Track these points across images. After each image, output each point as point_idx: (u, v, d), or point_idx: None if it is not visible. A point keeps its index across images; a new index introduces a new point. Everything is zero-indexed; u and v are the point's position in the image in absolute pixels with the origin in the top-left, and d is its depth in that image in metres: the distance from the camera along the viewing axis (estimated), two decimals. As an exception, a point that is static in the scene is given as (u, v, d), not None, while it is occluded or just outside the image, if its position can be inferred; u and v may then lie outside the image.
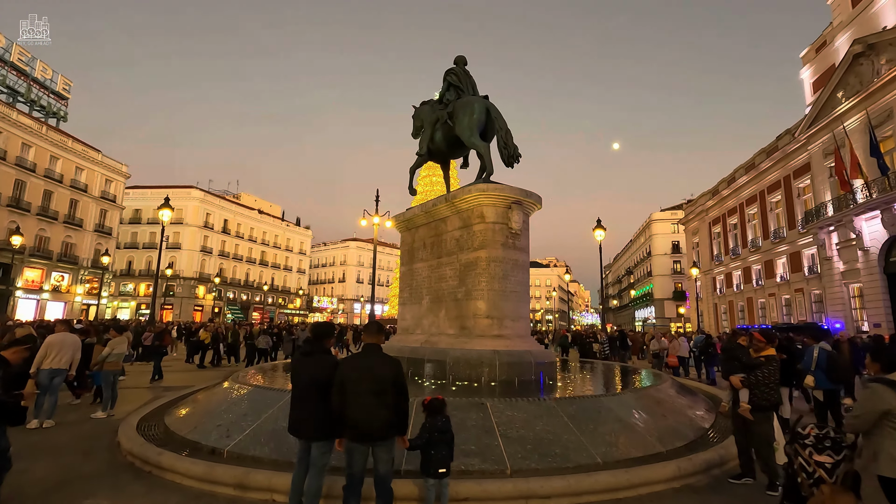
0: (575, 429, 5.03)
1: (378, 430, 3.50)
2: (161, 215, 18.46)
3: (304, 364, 3.72)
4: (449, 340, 8.88)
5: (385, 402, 3.52)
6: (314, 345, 3.80)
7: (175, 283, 56.05)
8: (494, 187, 8.76)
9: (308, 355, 3.77)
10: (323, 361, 3.69)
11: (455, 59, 11.19)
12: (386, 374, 3.57)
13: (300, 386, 3.70)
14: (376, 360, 3.66)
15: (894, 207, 22.38)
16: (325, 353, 3.79)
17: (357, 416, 3.47)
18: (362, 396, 3.48)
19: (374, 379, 3.54)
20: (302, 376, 3.68)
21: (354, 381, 3.52)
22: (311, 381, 3.61)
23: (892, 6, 23.49)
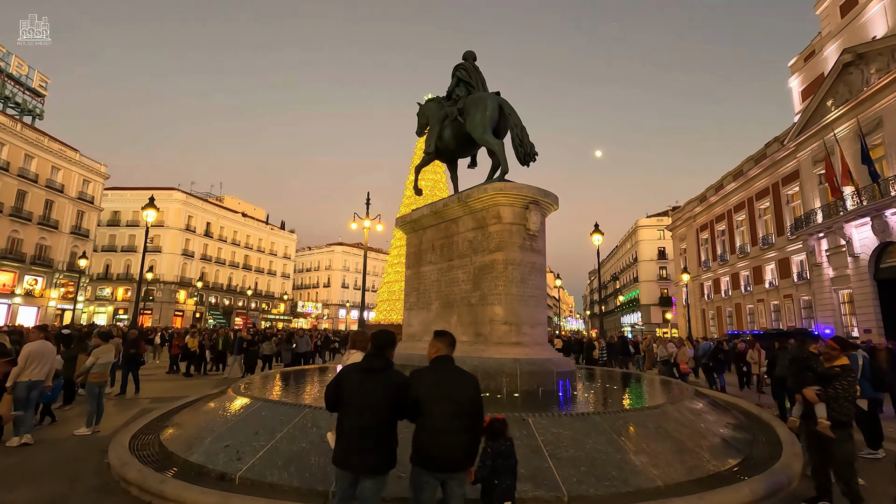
0: (626, 446, 4.58)
1: (456, 459, 2.98)
2: (145, 216, 17.58)
3: (366, 382, 3.09)
4: (463, 348, 8.34)
5: (464, 426, 3.00)
6: (377, 358, 3.21)
7: (155, 287, 54.35)
8: (512, 186, 8.32)
9: (371, 372, 3.13)
10: (392, 379, 3.11)
11: (464, 54, 10.77)
12: (467, 395, 3.06)
13: (360, 409, 3.05)
14: (454, 376, 3.14)
15: (885, 214, 22.64)
16: (391, 367, 3.21)
17: (434, 442, 2.95)
18: (440, 419, 2.95)
19: (455, 399, 3.01)
20: (363, 397, 3.05)
21: (432, 401, 2.99)
22: (378, 402, 3.03)
23: (881, 16, 23.89)
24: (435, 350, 3.30)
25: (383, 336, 3.35)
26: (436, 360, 3.25)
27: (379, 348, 3.26)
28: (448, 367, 3.18)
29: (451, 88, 10.57)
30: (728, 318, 39.83)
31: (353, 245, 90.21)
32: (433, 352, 3.31)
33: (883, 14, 23.71)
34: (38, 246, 41.51)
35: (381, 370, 3.15)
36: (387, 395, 3.03)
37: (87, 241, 46.31)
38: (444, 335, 3.35)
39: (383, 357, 3.22)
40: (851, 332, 25.80)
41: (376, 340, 3.32)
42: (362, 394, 3.07)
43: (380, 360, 3.19)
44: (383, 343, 3.29)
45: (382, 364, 3.17)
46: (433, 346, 3.33)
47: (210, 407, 6.49)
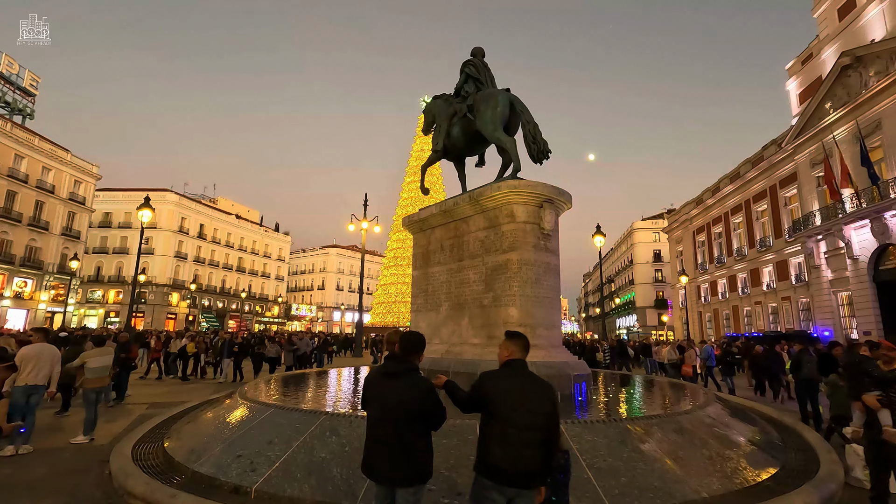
0: (663, 455, 4.34)
1: (532, 474, 2.71)
2: (140, 216, 17.19)
3: (390, 387, 2.88)
4: (475, 351, 8.12)
5: (542, 439, 2.72)
6: (402, 362, 2.97)
7: (147, 289, 53.59)
8: (526, 184, 8.08)
9: (394, 377, 2.90)
10: (416, 385, 2.87)
11: (472, 50, 10.56)
12: (545, 404, 2.77)
13: (384, 416, 2.86)
14: (533, 385, 2.85)
15: (884, 217, 22.66)
16: (416, 372, 2.96)
17: (509, 453, 2.64)
18: (517, 429, 2.66)
19: (533, 409, 2.71)
20: (386, 403, 2.86)
21: (509, 408, 2.70)
22: (402, 410, 2.80)
23: (878, 20, 24.00)
24: (508, 353, 2.97)
25: (410, 338, 3.08)
26: (510, 364, 2.92)
27: (404, 351, 3.00)
28: (526, 373, 2.90)
29: (459, 85, 10.34)
30: (725, 320, 39.86)
31: (348, 247, 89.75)
32: (505, 354, 2.98)
33: (881, 17, 23.82)
34: (27, 247, 40.77)
35: (400, 374, 2.91)
36: (406, 401, 2.79)
37: (78, 242, 45.57)
38: (518, 337, 3.04)
39: (404, 360, 2.97)
40: (850, 335, 25.81)
41: (403, 343, 3.05)
42: (382, 399, 2.88)
43: (399, 364, 2.95)
44: (410, 346, 3.02)
45: (402, 367, 2.93)
46: (506, 349, 3.00)
47: (216, 413, 6.16)
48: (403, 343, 3.04)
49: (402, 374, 2.90)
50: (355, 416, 4.66)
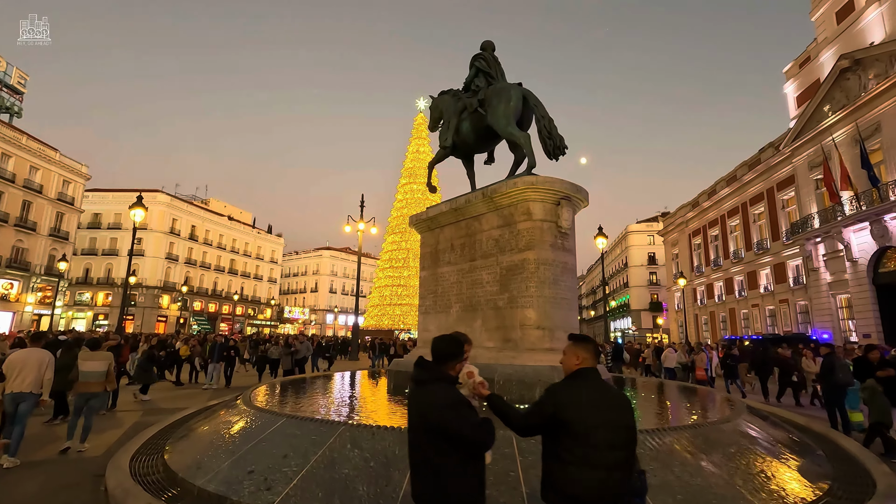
0: (715, 468, 4.00)
1: (615, 501, 2.31)
2: (133, 215, 16.65)
3: (416, 399, 2.54)
4: (490, 355, 7.75)
5: (624, 458, 2.33)
6: (430, 370, 2.56)
7: (137, 291, 52.64)
8: (544, 180, 7.75)
9: (421, 386, 2.53)
10: (435, 396, 2.43)
11: (482, 43, 10.23)
12: (627, 417, 2.38)
13: (409, 431, 2.55)
14: (610, 394, 2.44)
15: (884, 219, 22.67)
16: (443, 382, 2.52)
17: (591, 480, 2.24)
18: (598, 450, 2.25)
19: (614, 424, 2.31)
20: (411, 416, 2.54)
21: (590, 426, 2.28)
22: (422, 425, 2.43)
23: (878, 23, 24.06)
24: (578, 360, 2.51)
25: (445, 343, 2.66)
26: (583, 374, 2.48)
27: (435, 358, 2.61)
28: (601, 383, 2.48)
29: (469, 79, 10.01)
30: (722, 323, 39.85)
31: (341, 249, 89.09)
32: (574, 362, 2.53)
33: (880, 20, 23.88)
34: (14, 248, 39.82)
35: (425, 383, 2.53)
36: (427, 415, 2.41)
37: (66, 243, 44.63)
38: (587, 341, 2.61)
39: (430, 368, 2.58)
40: (850, 338, 25.81)
41: (434, 348, 2.65)
42: (410, 409, 2.58)
43: (425, 371, 2.57)
44: (443, 353, 2.61)
45: (427, 376, 2.55)
46: (573, 355, 2.54)
47: (220, 422, 5.73)
48: (434, 348, 2.65)
49: (427, 383, 2.52)
50: (378, 428, 4.28)
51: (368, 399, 8.02)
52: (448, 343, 2.65)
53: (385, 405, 7.07)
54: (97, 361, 7.21)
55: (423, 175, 54.02)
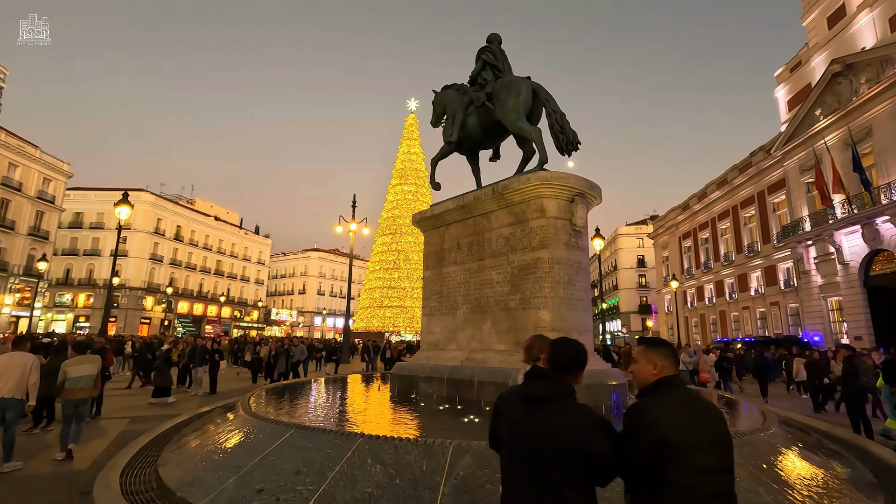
0: (768, 482, 3.69)
1: None
2: (118, 213, 16.01)
3: (538, 419, 1.98)
4: (501, 358, 7.40)
5: (729, 486, 1.89)
6: (553, 382, 2.05)
7: (120, 293, 51.31)
8: (559, 175, 7.43)
9: (535, 401, 2.02)
10: (576, 416, 1.96)
11: (488, 36, 9.91)
12: (728, 435, 1.95)
13: (520, 455, 1.99)
14: (703, 406, 2.00)
15: (875, 222, 22.86)
16: (572, 398, 2.04)
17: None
18: (709, 477, 1.83)
19: (718, 443, 1.89)
20: (524, 438, 1.98)
21: (691, 448, 1.82)
22: (554, 452, 1.89)
23: (869, 28, 24.31)
24: (655, 368, 2.03)
25: (566, 349, 2.15)
26: (667, 384, 2.00)
27: (556, 367, 2.11)
28: (690, 393, 2.02)
29: (475, 73, 9.67)
30: (712, 325, 40.04)
31: (330, 251, 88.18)
32: (650, 371, 2.04)
33: (871, 26, 24.13)
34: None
35: (550, 399, 2.00)
36: (561, 439, 1.89)
37: (46, 243, 43.32)
38: (661, 344, 2.12)
39: (555, 380, 2.07)
40: (841, 340, 25.98)
41: (555, 354, 2.15)
42: (523, 434, 1.99)
43: (550, 386, 2.04)
44: (565, 360, 2.12)
45: (553, 390, 2.02)
46: (648, 363, 2.06)
47: (217, 432, 5.27)
48: (556, 355, 2.15)
49: (552, 399, 2.02)
50: (401, 441, 3.88)
51: (376, 406, 7.61)
52: (575, 349, 2.14)
53: (397, 413, 6.67)
54: (87, 365, 6.78)
55: (414, 176, 53.65)
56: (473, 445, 3.70)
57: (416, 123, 56.26)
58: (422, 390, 8.12)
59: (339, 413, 6.53)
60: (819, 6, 27.71)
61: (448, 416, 6.20)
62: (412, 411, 6.67)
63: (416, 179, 53.37)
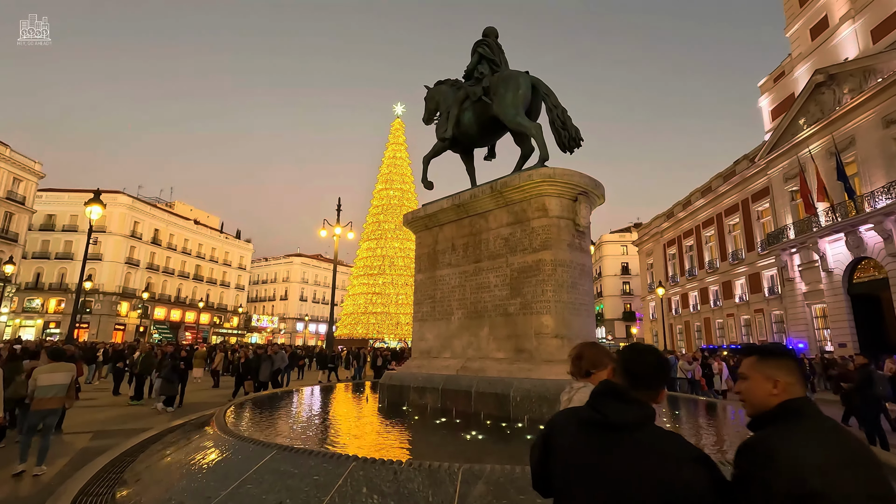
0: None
1: None
2: (88, 213, 15.14)
3: (604, 451, 1.47)
4: (501, 367, 6.91)
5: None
6: (632, 404, 1.52)
7: (94, 298, 49.48)
8: (562, 172, 7.01)
9: (611, 431, 1.49)
10: (669, 451, 1.41)
11: (485, 30, 9.54)
12: (890, 485, 1.30)
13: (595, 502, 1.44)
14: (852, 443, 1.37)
15: (859, 230, 23.08)
16: (650, 422, 1.51)
17: None
18: None
19: (883, 496, 1.27)
20: (601, 481, 1.44)
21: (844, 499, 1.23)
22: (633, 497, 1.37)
23: (851, 39, 24.71)
24: (777, 387, 1.48)
25: (648, 357, 1.63)
26: (796, 410, 1.45)
27: (635, 380, 1.58)
28: (829, 423, 1.42)
29: (471, 67, 9.25)
30: (697, 332, 40.19)
31: (313, 256, 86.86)
32: (769, 391, 1.49)
33: (854, 37, 24.53)
34: (-46, 250, 36.71)
35: (631, 427, 1.48)
36: (650, 483, 1.37)
37: (14, 245, 41.52)
38: (784, 355, 1.54)
39: (634, 401, 1.53)
40: (825, 347, 26.17)
41: (634, 364, 1.61)
42: (595, 475, 1.45)
43: (629, 409, 1.51)
44: (647, 371, 1.60)
45: (636, 414, 1.50)
46: (765, 380, 1.50)
47: (187, 452, 4.64)
48: (636, 366, 1.61)
49: (633, 427, 1.48)
50: (400, 465, 3.35)
51: (365, 420, 7.02)
52: (659, 358, 1.63)
53: (389, 429, 6.11)
54: (59, 374, 6.19)
55: (399, 181, 53.09)
56: (486, 471, 3.19)
57: (402, 128, 55.80)
58: (413, 401, 7.59)
59: (325, 429, 5.94)
60: (802, 17, 28.15)
61: (447, 431, 5.68)
62: (406, 426, 6.12)
63: (401, 184, 52.83)
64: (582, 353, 2.49)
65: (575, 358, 2.49)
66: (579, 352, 2.51)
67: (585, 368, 2.40)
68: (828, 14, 26.43)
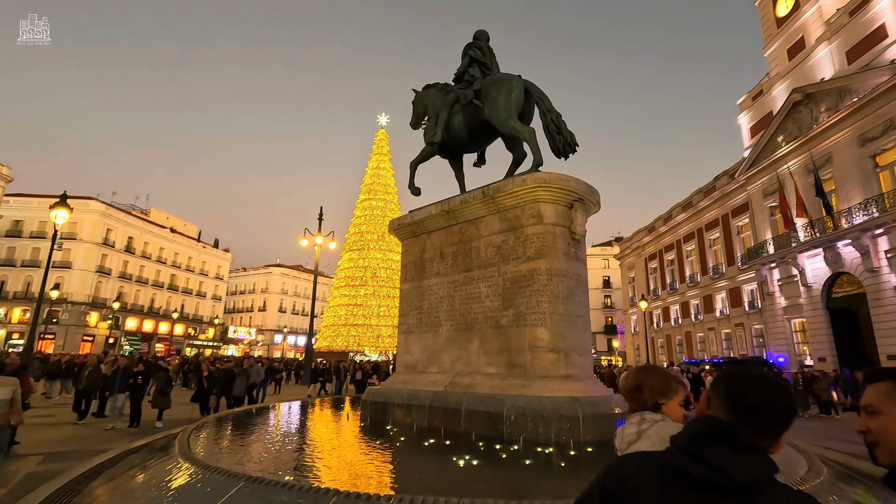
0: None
1: None
2: (54, 216, 14.35)
3: None
4: (492, 383, 6.49)
5: None
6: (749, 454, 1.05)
7: (61, 308, 47.47)
8: (558, 177, 6.69)
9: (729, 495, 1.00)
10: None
11: (476, 33, 9.28)
12: None
13: None
14: None
15: (837, 246, 23.44)
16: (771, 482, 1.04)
17: None
18: None
19: None
20: None
21: None
22: None
23: (827, 60, 25.38)
24: None
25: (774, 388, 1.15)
26: None
27: (756, 419, 1.12)
28: None
29: (461, 70, 8.96)
30: (678, 346, 40.36)
31: (293, 267, 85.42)
32: None
33: (829, 58, 25.19)
34: (-90, 256, 34.80)
35: (753, 489, 1.02)
36: None
37: (-23, 252, 39.64)
38: None
39: (757, 449, 1.08)
40: (805, 361, 26.39)
41: (750, 398, 1.13)
42: None
43: (754, 461, 1.05)
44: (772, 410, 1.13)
45: (761, 471, 1.04)
46: None
47: (140, 482, 4.08)
48: (754, 399, 1.14)
49: (757, 488, 1.03)
50: (388, 501, 2.88)
51: (346, 442, 6.48)
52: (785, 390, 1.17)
53: (374, 453, 5.59)
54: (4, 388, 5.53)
55: (383, 192, 52.66)
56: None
57: (385, 139, 55.53)
58: (398, 420, 7.09)
59: (302, 453, 5.40)
60: (780, 38, 28.90)
61: (437, 455, 5.20)
62: (391, 449, 5.62)
63: (385, 195, 52.39)
64: (642, 382, 1.89)
65: (632, 389, 1.90)
66: (637, 380, 1.91)
67: (653, 400, 1.83)
68: (804, 36, 27.16)
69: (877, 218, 20.83)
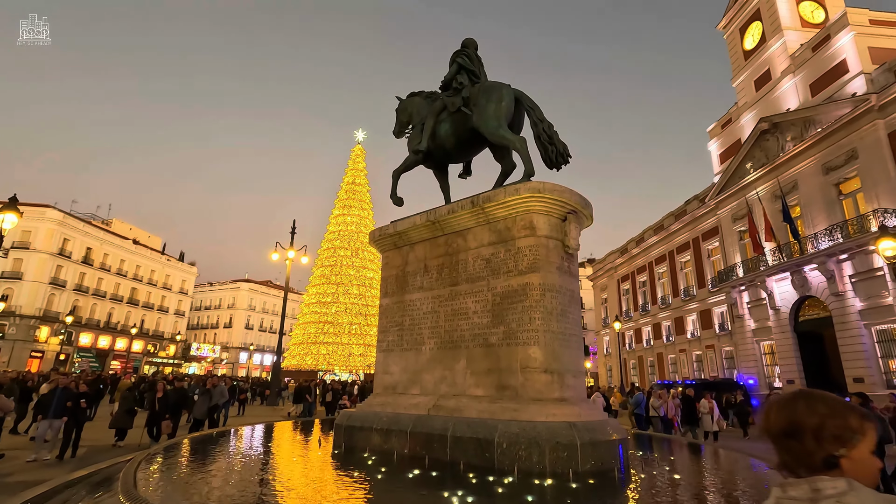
0: None
1: None
2: (1, 221, 13.19)
3: None
4: (481, 406, 5.99)
5: None
6: None
7: (8, 321, 44.46)
8: (552, 188, 6.37)
9: None
10: None
11: (464, 41, 9.04)
12: None
13: None
14: None
15: (804, 270, 24.07)
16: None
17: None
18: None
19: None
20: None
21: None
22: None
23: (792, 92, 26.49)
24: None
25: None
26: None
27: None
28: None
29: (448, 77, 8.66)
30: (650, 367, 40.63)
31: (262, 283, 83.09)
32: None
33: (794, 90, 26.30)
34: None
35: None
36: None
37: (-84, 260, 36.84)
38: None
39: None
40: (774, 383, 26.80)
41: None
42: None
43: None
44: None
45: None
46: None
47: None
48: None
49: None
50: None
51: (319, 477, 5.80)
52: None
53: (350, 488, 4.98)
54: None
55: (358, 207, 51.94)
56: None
57: (362, 154, 55.06)
58: (376, 446, 6.49)
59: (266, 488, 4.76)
60: (747, 70, 30.11)
61: (426, 490, 4.65)
62: (370, 482, 5.02)
63: (360, 210, 51.68)
64: (801, 422, 1.18)
65: (790, 433, 1.19)
66: (792, 418, 1.20)
67: (827, 451, 1.16)
68: (770, 68, 28.36)
69: (841, 244, 21.48)
